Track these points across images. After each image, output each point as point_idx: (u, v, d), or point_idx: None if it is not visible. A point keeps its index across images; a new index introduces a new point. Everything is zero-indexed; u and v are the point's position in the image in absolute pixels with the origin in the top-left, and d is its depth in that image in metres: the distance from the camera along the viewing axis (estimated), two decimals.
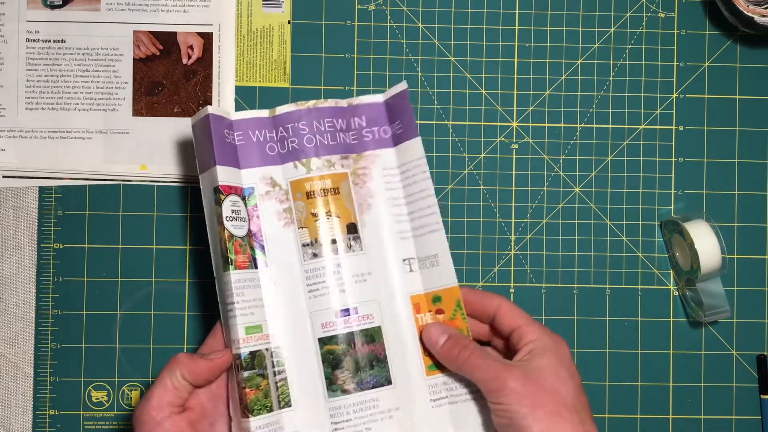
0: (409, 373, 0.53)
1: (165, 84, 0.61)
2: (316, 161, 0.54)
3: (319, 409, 0.52)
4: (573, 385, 0.49)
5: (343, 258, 0.53)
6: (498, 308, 0.52)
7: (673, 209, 0.63)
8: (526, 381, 0.48)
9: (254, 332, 0.51)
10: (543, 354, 0.49)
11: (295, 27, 0.62)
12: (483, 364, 0.49)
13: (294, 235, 0.53)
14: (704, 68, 0.63)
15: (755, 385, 0.62)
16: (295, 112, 0.54)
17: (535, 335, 0.50)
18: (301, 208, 0.54)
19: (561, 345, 0.50)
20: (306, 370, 0.52)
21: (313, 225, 0.53)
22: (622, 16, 0.63)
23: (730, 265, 0.62)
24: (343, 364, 0.52)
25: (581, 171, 0.63)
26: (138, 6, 0.61)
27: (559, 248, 0.62)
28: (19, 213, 0.61)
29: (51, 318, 0.61)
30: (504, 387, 0.48)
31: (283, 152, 0.54)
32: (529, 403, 0.47)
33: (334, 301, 0.53)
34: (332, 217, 0.54)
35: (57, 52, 0.61)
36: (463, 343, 0.51)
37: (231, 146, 0.53)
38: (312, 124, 0.54)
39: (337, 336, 0.52)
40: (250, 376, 0.50)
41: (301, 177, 0.54)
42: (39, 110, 0.61)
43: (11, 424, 0.61)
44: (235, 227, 0.51)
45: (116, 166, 0.61)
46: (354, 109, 0.56)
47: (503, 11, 0.63)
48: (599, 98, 0.63)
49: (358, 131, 0.55)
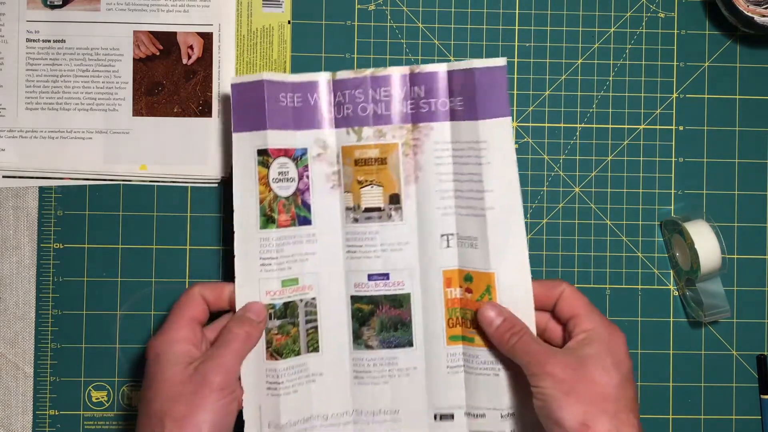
0: (431, 340, 0.55)
1: (165, 84, 0.61)
2: (368, 130, 0.56)
3: (344, 357, 0.56)
4: (618, 376, 0.48)
5: (382, 226, 0.56)
6: (561, 294, 0.53)
7: (673, 209, 0.63)
8: (566, 367, 0.48)
9: (290, 285, 0.54)
10: (591, 343, 0.50)
11: (295, 27, 0.62)
12: (529, 349, 0.50)
13: (339, 198, 0.56)
14: (704, 68, 0.63)
15: (755, 385, 0.62)
16: (354, 79, 0.56)
17: (590, 324, 0.51)
18: (348, 173, 0.56)
19: (616, 336, 0.50)
20: (335, 322, 0.56)
21: (358, 191, 0.56)
22: (622, 16, 0.63)
23: (730, 265, 0.62)
24: (369, 322, 0.56)
25: (581, 171, 0.63)
26: (138, 6, 0.61)
27: (559, 248, 0.62)
28: (19, 213, 0.61)
29: (51, 318, 0.61)
30: (543, 371, 0.49)
31: (338, 117, 0.56)
32: (565, 390, 0.48)
33: (369, 265, 0.56)
34: (377, 185, 0.56)
35: (57, 52, 0.61)
36: (515, 328, 0.52)
37: (287, 109, 0.55)
38: (368, 93, 0.56)
39: (367, 296, 0.56)
40: (282, 324, 0.54)
41: (352, 144, 0.56)
42: (39, 110, 0.61)
43: (11, 424, 0.61)
44: (280, 188, 0.54)
45: (116, 166, 0.61)
46: (415, 77, 0.55)
47: (503, 11, 0.63)
48: (599, 98, 0.63)
49: (416, 101, 0.56)
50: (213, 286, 0.53)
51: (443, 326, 0.55)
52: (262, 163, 0.53)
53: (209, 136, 0.61)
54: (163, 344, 0.50)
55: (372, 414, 0.55)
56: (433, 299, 0.55)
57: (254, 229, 0.53)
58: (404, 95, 0.56)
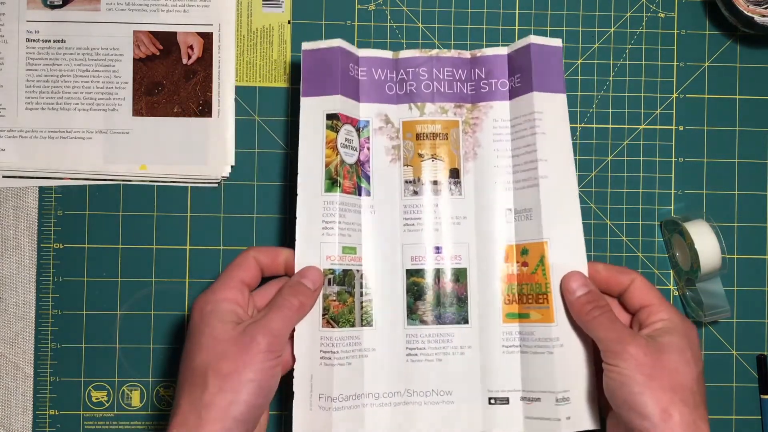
0: (487, 317, 0.55)
1: (165, 84, 0.62)
2: (431, 106, 0.57)
3: (397, 334, 0.55)
4: (696, 370, 0.48)
5: (441, 199, 0.56)
6: (632, 283, 0.52)
7: (673, 209, 0.63)
8: (648, 351, 0.48)
9: (349, 253, 0.54)
10: (671, 333, 0.49)
11: (295, 27, 0.62)
12: (611, 326, 0.49)
13: (399, 171, 0.56)
14: (704, 68, 0.63)
15: (755, 385, 0.62)
16: (418, 58, 0.57)
17: (666, 315, 0.50)
18: (409, 147, 0.57)
19: (691, 329, 0.50)
20: (390, 296, 0.55)
21: (418, 164, 0.57)
22: (622, 16, 0.63)
23: (730, 265, 0.62)
24: (425, 296, 0.55)
25: (581, 171, 0.63)
26: (138, 6, 0.61)
27: None
28: (19, 213, 0.61)
29: (51, 318, 0.61)
30: (624, 351, 0.48)
31: (401, 93, 0.57)
32: (647, 374, 0.47)
33: (426, 238, 0.56)
34: (437, 160, 0.57)
35: (57, 52, 0.61)
36: (600, 303, 0.51)
37: (354, 80, 0.56)
38: (432, 72, 0.57)
39: (424, 270, 0.56)
40: (340, 291, 0.53)
41: (414, 119, 0.57)
42: (39, 110, 0.61)
43: (11, 424, 0.61)
44: (346, 154, 0.55)
45: (116, 166, 0.61)
46: (476, 60, 0.57)
47: (503, 11, 0.63)
48: (599, 98, 0.63)
49: (477, 82, 0.57)
50: (268, 250, 0.53)
51: (500, 302, 0.55)
52: (330, 127, 0.54)
53: (209, 136, 0.61)
54: (211, 302, 0.49)
55: (424, 394, 0.54)
56: (491, 275, 0.55)
57: (318, 192, 0.53)
58: (466, 77, 0.58)
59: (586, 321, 0.51)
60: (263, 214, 0.62)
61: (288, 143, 0.62)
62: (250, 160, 0.62)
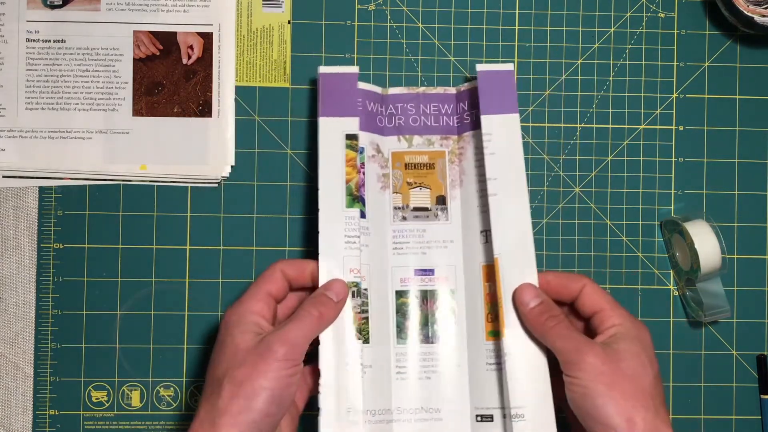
0: (473, 336, 0.56)
1: (165, 84, 0.62)
2: (418, 139, 0.60)
3: (388, 352, 0.56)
4: (652, 373, 0.48)
5: (429, 224, 0.59)
6: (582, 289, 0.52)
7: (673, 209, 0.63)
8: (606, 359, 0.48)
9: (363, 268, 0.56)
10: (625, 338, 0.49)
11: (295, 27, 0.62)
12: (567, 335, 0.49)
13: (388, 197, 0.59)
14: (704, 68, 0.63)
15: (755, 385, 0.62)
16: (406, 94, 0.60)
17: (618, 320, 0.50)
18: (398, 176, 0.60)
19: (644, 332, 0.50)
20: (383, 315, 0.57)
21: (407, 192, 0.59)
22: (622, 16, 0.63)
23: (730, 265, 0.62)
24: (414, 316, 0.57)
25: (581, 171, 0.63)
26: (138, 6, 0.61)
27: (559, 248, 0.62)
28: (19, 213, 0.61)
29: (51, 318, 0.61)
30: (583, 360, 0.48)
31: (390, 126, 0.60)
32: (607, 382, 0.47)
33: (414, 261, 0.58)
34: (424, 188, 0.59)
35: (57, 52, 0.61)
36: (553, 312, 0.51)
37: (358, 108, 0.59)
38: (419, 107, 0.60)
39: (411, 291, 0.58)
40: (362, 303, 0.55)
41: (402, 150, 0.60)
42: (39, 110, 0.61)
43: (11, 424, 0.61)
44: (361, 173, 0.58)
45: (116, 166, 0.61)
46: (461, 94, 0.60)
47: (503, 11, 0.63)
48: (599, 98, 0.63)
49: (461, 114, 0.60)
50: (295, 263, 0.53)
51: (483, 322, 0.56)
52: (350, 146, 0.56)
53: (209, 136, 0.61)
54: (236, 314, 0.50)
55: (414, 412, 0.56)
56: (475, 295, 0.57)
57: (340, 208, 0.55)
58: (452, 110, 0.60)
59: (542, 332, 0.50)
60: (263, 214, 0.62)
61: (288, 143, 0.62)
62: (250, 160, 0.62)
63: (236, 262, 0.61)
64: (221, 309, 0.61)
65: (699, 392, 0.62)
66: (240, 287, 0.61)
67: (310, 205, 0.62)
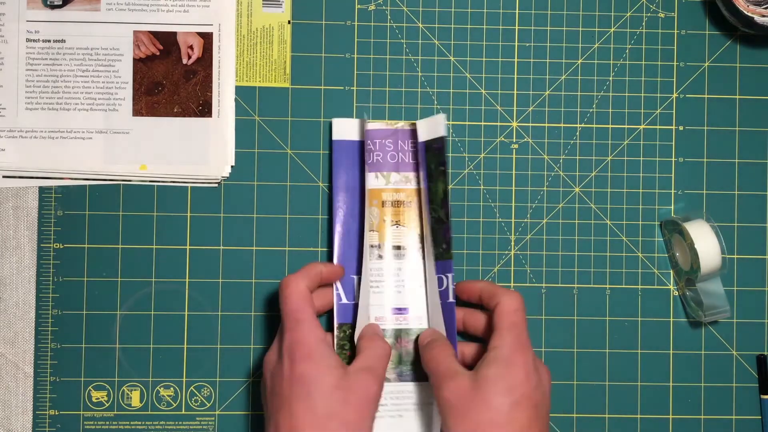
0: None
1: (165, 84, 0.62)
2: (396, 176, 0.60)
3: None
4: (508, 401, 0.49)
5: (405, 263, 0.59)
6: (497, 305, 0.54)
7: (673, 209, 0.63)
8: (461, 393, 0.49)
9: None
10: (491, 364, 0.50)
11: (295, 27, 0.62)
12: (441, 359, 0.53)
13: (366, 235, 0.58)
14: (704, 68, 0.63)
15: (755, 385, 0.62)
16: (385, 130, 0.61)
17: (498, 342, 0.51)
18: (375, 213, 0.60)
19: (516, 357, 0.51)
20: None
21: (383, 230, 0.60)
22: (622, 16, 0.63)
23: (730, 265, 0.62)
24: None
25: (581, 171, 0.63)
26: (138, 6, 0.61)
27: (559, 248, 0.62)
28: (19, 213, 0.61)
29: (51, 318, 0.61)
30: (439, 396, 0.50)
31: (369, 162, 0.60)
32: (456, 415, 0.49)
33: (389, 299, 0.59)
34: (401, 226, 0.60)
35: (57, 52, 0.61)
36: (435, 336, 0.55)
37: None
38: (397, 143, 0.60)
39: (386, 330, 0.58)
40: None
41: (379, 187, 0.60)
42: (39, 110, 0.61)
43: (11, 424, 0.61)
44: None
45: (116, 166, 0.61)
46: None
47: (503, 11, 0.63)
48: (599, 98, 0.63)
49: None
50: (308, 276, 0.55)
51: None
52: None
53: (209, 136, 0.61)
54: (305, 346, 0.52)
55: None
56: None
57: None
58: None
59: (422, 356, 0.54)
60: (263, 214, 0.62)
61: (288, 143, 0.62)
62: (250, 160, 0.62)
63: (236, 262, 0.61)
64: (221, 309, 0.61)
65: (699, 392, 0.62)
66: (240, 287, 0.61)
67: (310, 204, 0.62)
